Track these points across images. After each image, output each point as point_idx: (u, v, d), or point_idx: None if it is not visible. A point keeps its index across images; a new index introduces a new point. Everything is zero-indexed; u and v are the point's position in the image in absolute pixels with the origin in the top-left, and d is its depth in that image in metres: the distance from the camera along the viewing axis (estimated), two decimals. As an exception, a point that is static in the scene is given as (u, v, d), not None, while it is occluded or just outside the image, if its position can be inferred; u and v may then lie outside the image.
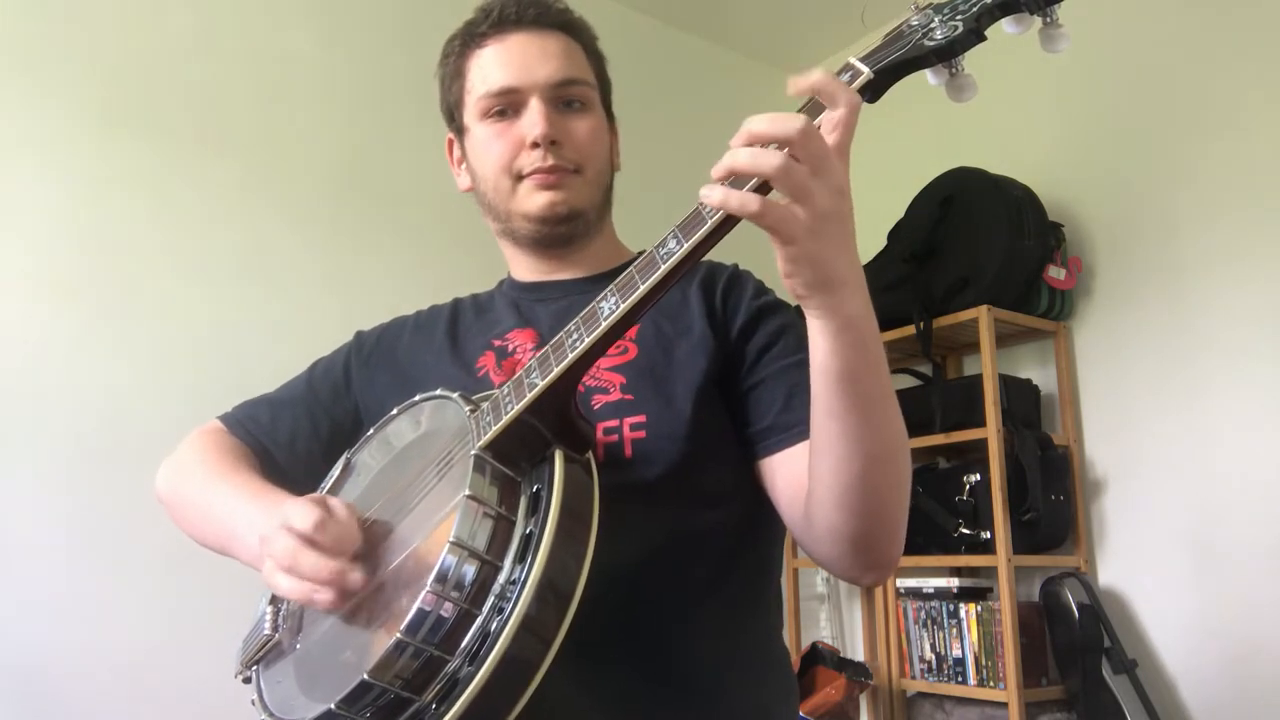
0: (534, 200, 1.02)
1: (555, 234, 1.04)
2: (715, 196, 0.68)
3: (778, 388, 0.94)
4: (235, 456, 1.05)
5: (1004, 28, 0.71)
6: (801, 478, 0.85)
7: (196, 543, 1.04)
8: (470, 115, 1.05)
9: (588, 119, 1.04)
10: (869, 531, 0.81)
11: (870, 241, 2.79)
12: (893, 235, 2.81)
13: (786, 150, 0.66)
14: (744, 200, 0.67)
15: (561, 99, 1.02)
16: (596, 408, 0.93)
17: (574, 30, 1.06)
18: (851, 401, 0.75)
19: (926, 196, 2.74)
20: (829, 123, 0.69)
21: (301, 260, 2.38)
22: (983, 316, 2.52)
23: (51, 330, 2.05)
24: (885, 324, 2.64)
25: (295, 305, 2.33)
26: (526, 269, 1.11)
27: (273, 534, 0.81)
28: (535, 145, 1.00)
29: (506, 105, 1.02)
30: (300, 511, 0.80)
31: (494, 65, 1.03)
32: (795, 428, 0.90)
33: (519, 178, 1.02)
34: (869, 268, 2.73)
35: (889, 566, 0.86)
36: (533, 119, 1.00)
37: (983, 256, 2.55)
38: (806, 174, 0.66)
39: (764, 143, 0.67)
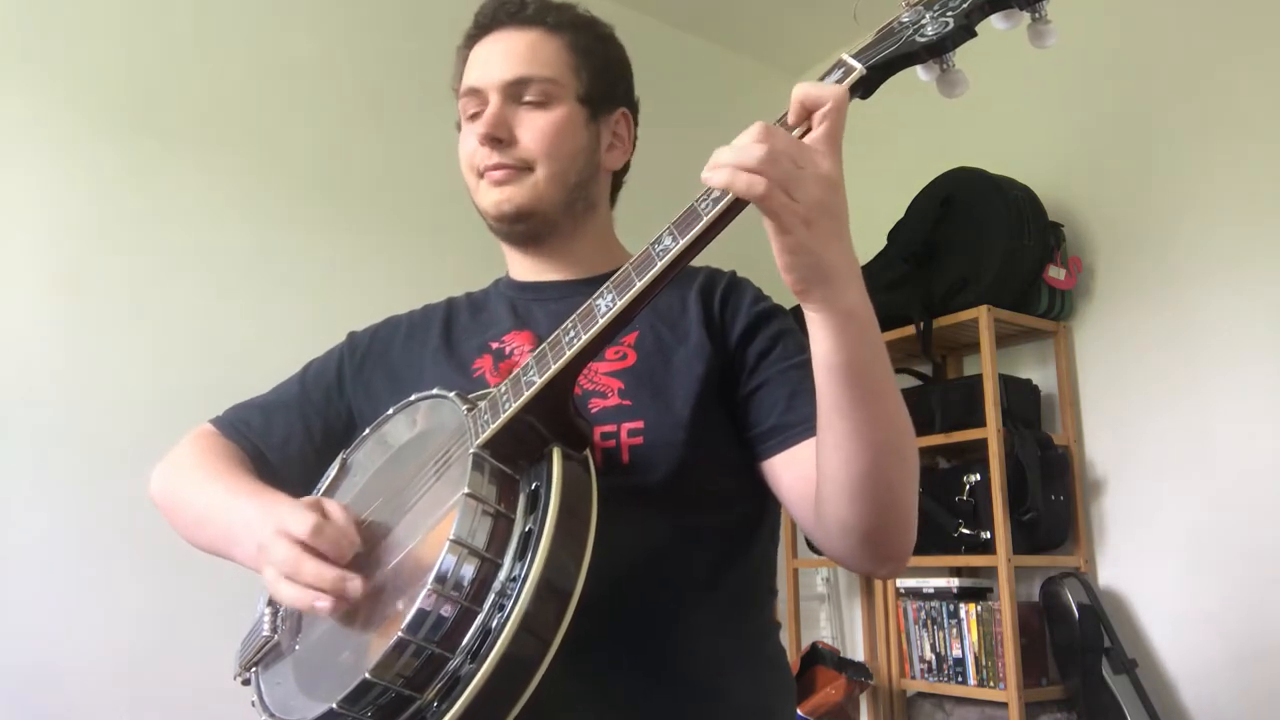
0: (486, 197, 1.03)
1: (513, 231, 1.05)
2: (721, 177, 0.68)
3: (779, 389, 0.94)
4: (229, 459, 1.05)
5: (993, 23, 0.72)
6: (808, 476, 0.85)
7: (191, 545, 1.04)
8: (461, 117, 1.07)
9: (545, 114, 1.01)
10: (881, 524, 0.82)
11: (870, 241, 2.79)
12: (893, 235, 2.81)
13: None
14: (751, 181, 0.67)
15: (518, 95, 1.02)
16: (594, 412, 0.94)
17: (554, 26, 1.04)
18: (857, 394, 0.76)
19: (926, 196, 2.74)
20: (816, 116, 0.70)
21: (302, 259, 2.39)
22: (983, 316, 2.52)
23: (51, 329, 2.05)
24: (885, 324, 2.60)
25: (296, 304, 2.34)
26: (521, 268, 1.11)
27: (270, 541, 0.81)
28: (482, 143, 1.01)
29: (477, 106, 1.03)
30: (297, 517, 0.80)
31: (469, 67, 1.05)
32: (798, 426, 0.91)
33: (480, 175, 1.03)
34: (869, 268, 2.73)
35: (903, 557, 0.86)
36: (482, 117, 1.01)
37: (983, 256, 2.55)
38: (792, 165, 0.68)
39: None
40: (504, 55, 1.02)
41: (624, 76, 1.11)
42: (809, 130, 0.71)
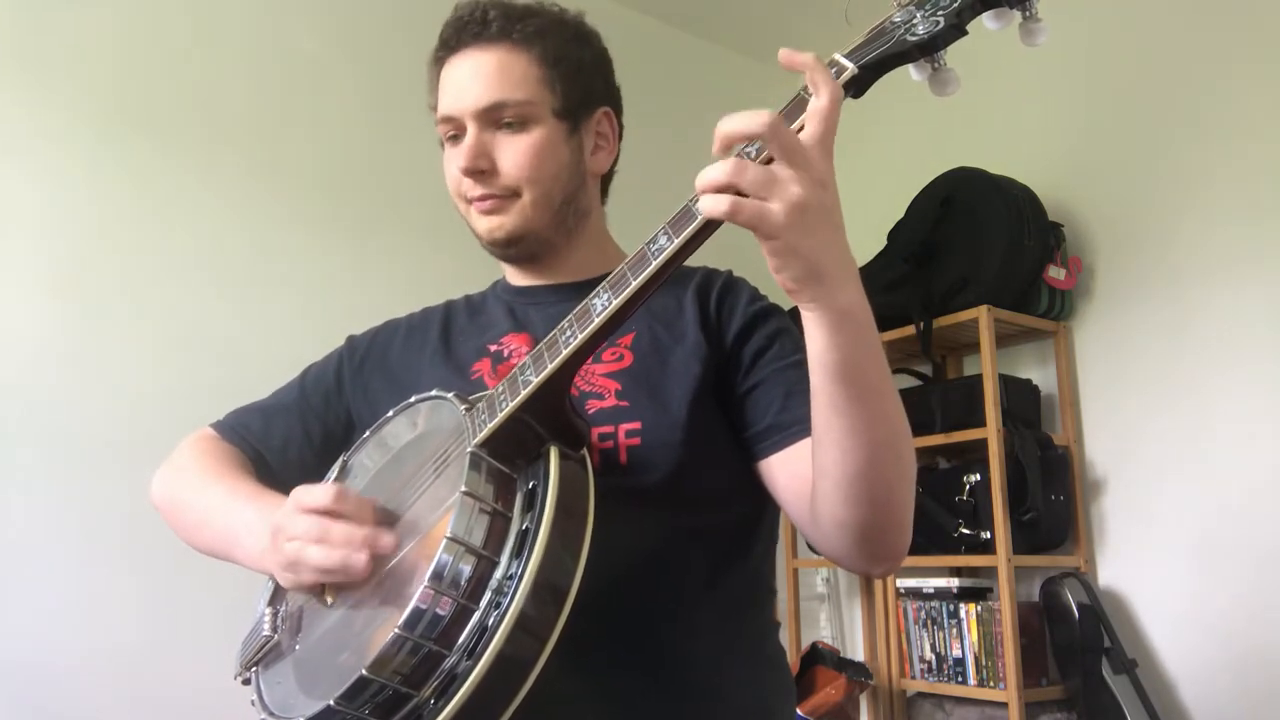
0: (478, 224, 1.03)
1: (508, 254, 1.06)
2: (701, 203, 0.70)
3: (775, 389, 0.94)
4: (230, 462, 1.05)
5: (985, 23, 0.72)
6: (804, 475, 0.85)
7: (193, 548, 1.04)
8: (442, 137, 1.06)
9: (525, 137, 1.00)
10: (876, 523, 0.82)
11: (870, 241, 2.79)
12: (893, 235, 2.80)
13: (756, 148, 0.69)
14: (714, 203, 0.68)
15: (495, 120, 1.00)
16: (591, 414, 0.94)
17: (520, 40, 1.01)
18: (853, 393, 0.76)
19: (926, 196, 2.74)
20: (811, 113, 0.70)
21: (301, 259, 2.39)
22: (983, 316, 2.52)
23: (51, 329, 2.05)
24: (885, 324, 2.64)
25: (295, 304, 2.34)
26: (518, 275, 1.12)
27: (288, 518, 0.82)
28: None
29: (454, 130, 1.02)
30: (313, 490, 0.82)
31: (442, 91, 1.03)
32: (794, 426, 0.91)
33: (468, 201, 1.03)
34: (869, 268, 2.73)
35: (898, 557, 0.86)
36: (462, 148, 1.00)
37: (983, 256, 2.55)
38: (762, 171, 0.68)
39: (736, 142, 0.69)
40: (473, 79, 1.00)
41: (600, 74, 1.08)
42: (801, 129, 0.71)
